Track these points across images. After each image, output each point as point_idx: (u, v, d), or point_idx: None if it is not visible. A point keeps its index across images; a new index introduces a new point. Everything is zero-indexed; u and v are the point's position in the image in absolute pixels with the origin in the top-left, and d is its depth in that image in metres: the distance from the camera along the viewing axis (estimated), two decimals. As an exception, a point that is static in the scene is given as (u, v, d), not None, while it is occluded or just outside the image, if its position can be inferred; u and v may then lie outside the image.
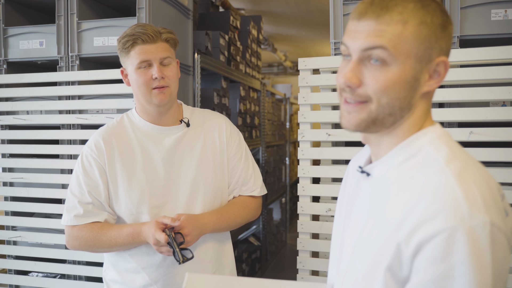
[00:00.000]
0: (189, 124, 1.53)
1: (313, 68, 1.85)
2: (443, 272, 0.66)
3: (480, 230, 0.66)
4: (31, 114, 2.28)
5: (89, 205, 1.43)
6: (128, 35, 1.42)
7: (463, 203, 0.67)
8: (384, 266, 0.73)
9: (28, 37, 2.30)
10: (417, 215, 0.70)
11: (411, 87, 0.77)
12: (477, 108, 1.64)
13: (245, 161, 1.59)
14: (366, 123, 0.79)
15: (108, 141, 1.47)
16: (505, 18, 1.79)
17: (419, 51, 0.75)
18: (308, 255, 1.84)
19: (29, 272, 2.35)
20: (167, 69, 1.44)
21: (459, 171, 0.72)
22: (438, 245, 0.66)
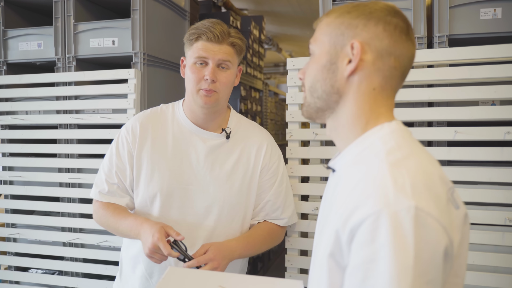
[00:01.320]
0: (229, 137, 1.47)
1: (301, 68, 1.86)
2: (369, 255, 0.68)
3: (403, 214, 0.67)
4: (29, 114, 2.33)
5: (114, 185, 1.46)
6: (195, 28, 1.40)
7: (390, 188, 0.70)
8: (327, 253, 0.75)
9: (26, 39, 2.35)
10: (352, 201, 0.73)
11: (329, 70, 0.85)
12: (463, 107, 1.65)
13: (277, 187, 1.54)
14: (306, 109, 0.91)
15: (145, 128, 1.47)
16: (494, 17, 1.79)
17: (331, 37, 0.85)
18: (296, 253, 1.86)
19: (29, 268, 2.40)
20: (221, 74, 1.39)
21: (395, 161, 0.75)
22: (366, 229, 0.68)
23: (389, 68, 0.83)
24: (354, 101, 0.85)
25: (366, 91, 0.84)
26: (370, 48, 0.82)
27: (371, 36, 0.82)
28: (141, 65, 2.14)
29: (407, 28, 0.84)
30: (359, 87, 0.84)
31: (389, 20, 0.82)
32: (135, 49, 2.15)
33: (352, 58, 0.82)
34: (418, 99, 1.70)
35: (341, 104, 0.86)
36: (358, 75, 0.83)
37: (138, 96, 2.09)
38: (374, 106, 0.84)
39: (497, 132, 1.58)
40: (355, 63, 0.82)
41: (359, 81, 0.84)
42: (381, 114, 0.85)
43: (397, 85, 0.86)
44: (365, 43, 0.82)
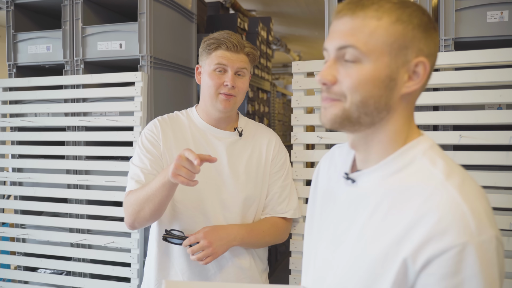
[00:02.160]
0: (241, 134, 1.60)
1: (307, 72, 1.87)
2: (454, 286, 0.68)
3: (487, 244, 0.69)
4: (38, 116, 2.37)
5: (150, 175, 1.47)
6: (215, 38, 1.51)
7: (471, 219, 0.70)
8: (389, 281, 0.73)
9: (36, 42, 2.39)
10: (424, 230, 0.71)
11: (386, 86, 0.76)
12: (469, 111, 1.64)
13: (284, 180, 1.65)
14: (340, 119, 0.79)
15: (165, 127, 1.56)
16: (501, 20, 1.78)
17: (392, 49, 0.75)
18: (300, 256, 1.86)
19: (38, 268, 2.43)
20: (239, 80, 1.52)
21: (459, 186, 0.74)
22: (449, 261, 0.68)
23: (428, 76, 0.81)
24: (400, 118, 0.80)
25: (411, 108, 0.81)
26: (430, 64, 0.78)
27: (431, 52, 0.78)
28: (148, 68, 2.16)
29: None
30: (408, 103, 0.81)
31: (434, 33, 0.79)
32: (142, 52, 2.17)
33: (413, 76, 0.77)
34: (424, 103, 1.69)
35: (384, 120, 0.80)
36: (413, 92, 0.79)
37: (145, 98, 2.11)
38: (410, 119, 0.82)
39: (502, 137, 1.57)
40: (420, 84, 0.78)
41: (412, 98, 0.80)
42: (413, 125, 0.83)
43: None
44: (427, 60, 0.77)
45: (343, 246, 0.83)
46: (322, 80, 0.80)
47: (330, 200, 0.94)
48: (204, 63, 1.55)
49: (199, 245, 1.42)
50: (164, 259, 1.55)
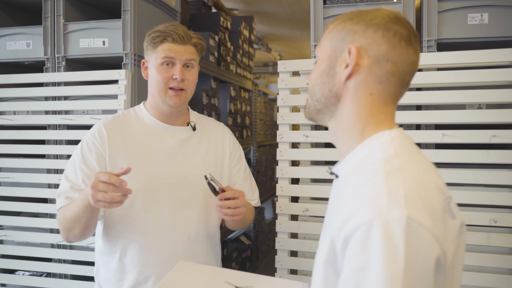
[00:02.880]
0: (195, 128, 1.55)
1: (292, 71, 1.88)
2: (362, 263, 0.68)
3: (395, 223, 0.68)
4: (17, 114, 2.31)
5: (81, 191, 1.39)
6: (160, 31, 1.45)
7: (383, 197, 0.70)
8: (322, 260, 0.76)
9: (15, 38, 2.33)
10: (347, 210, 0.74)
11: (327, 74, 0.88)
12: (451, 110, 1.68)
13: (244, 172, 1.63)
14: (307, 111, 0.94)
15: (111, 132, 1.47)
16: (481, 22, 1.83)
17: (332, 42, 0.88)
18: (286, 254, 1.87)
19: (16, 270, 2.38)
20: (188, 73, 1.47)
21: (392, 169, 0.75)
22: (359, 238, 0.69)
23: (386, 73, 0.83)
24: (351, 106, 0.86)
25: (363, 96, 0.85)
26: (367, 53, 0.83)
27: (369, 42, 0.83)
28: (131, 66, 2.14)
29: (408, 35, 0.84)
30: (356, 91, 0.85)
31: (389, 26, 0.83)
32: (125, 50, 2.14)
33: (349, 62, 0.84)
34: (407, 102, 1.72)
35: (339, 108, 0.88)
36: (355, 79, 0.85)
37: (128, 97, 2.08)
38: (372, 112, 0.85)
39: (483, 135, 1.61)
40: (351, 68, 0.84)
41: (356, 86, 0.85)
42: (380, 121, 0.85)
43: (397, 91, 0.86)
44: (362, 49, 0.83)
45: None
46: (305, 81, 0.97)
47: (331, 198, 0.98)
48: (150, 57, 1.48)
49: (241, 201, 1.37)
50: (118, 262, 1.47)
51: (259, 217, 4.54)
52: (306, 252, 1.86)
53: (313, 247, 1.81)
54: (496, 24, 1.81)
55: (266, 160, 4.86)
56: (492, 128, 1.66)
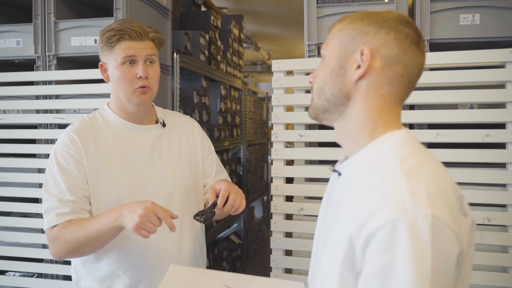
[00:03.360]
0: (165, 124, 1.53)
1: (286, 70, 1.88)
2: (388, 262, 0.69)
3: (421, 222, 0.69)
4: (7, 113, 2.28)
5: (70, 203, 1.35)
6: (114, 29, 1.38)
7: (407, 196, 0.71)
8: (340, 260, 0.76)
9: (4, 36, 2.30)
10: (367, 209, 0.74)
11: (337, 73, 0.87)
12: (443, 110, 1.70)
13: (216, 163, 1.63)
14: (312, 109, 0.94)
15: (83, 137, 1.41)
16: (473, 22, 1.85)
17: (342, 42, 0.87)
18: (281, 253, 1.88)
19: (6, 271, 2.35)
20: (151, 69, 1.42)
21: (409, 169, 0.77)
22: (383, 237, 0.70)
23: (397, 75, 0.84)
24: (362, 106, 0.86)
25: (374, 97, 0.85)
26: (380, 55, 0.84)
27: (381, 44, 0.84)
28: (124, 64, 2.12)
29: (418, 38, 0.86)
30: (367, 92, 0.85)
31: (400, 29, 0.84)
32: (118, 49, 2.12)
33: (361, 63, 0.84)
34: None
35: (349, 108, 0.88)
36: (366, 80, 0.85)
37: (121, 96, 2.06)
38: (382, 113, 0.86)
39: (476, 135, 1.64)
40: (363, 69, 0.84)
41: (367, 87, 0.85)
42: (389, 121, 0.86)
43: (405, 93, 0.88)
44: (375, 50, 0.84)
45: (327, 238, 0.88)
46: (308, 79, 0.96)
47: (329, 197, 0.98)
48: (108, 59, 1.41)
49: (233, 192, 1.37)
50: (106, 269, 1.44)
51: (249, 216, 4.54)
52: (301, 251, 1.87)
53: (308, 246, 1.82)
54: (487, 25, 1.84)
55: (255, 159, 4.87)
56: (483, 127, 1.69)
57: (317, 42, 1.95)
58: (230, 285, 1.02)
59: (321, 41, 1.95)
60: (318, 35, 1.95)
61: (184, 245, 1.51)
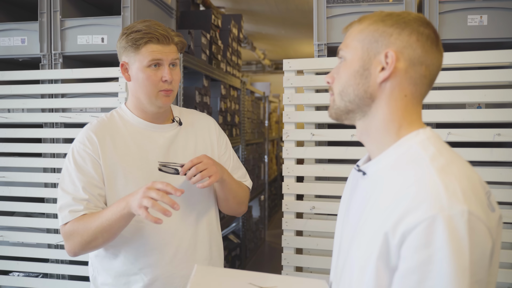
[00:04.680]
0: (181, 123, 1.53)
1: (297, 69, 1.89)
2: (426, 258, 0.71)
3: (458, 218, 0.71)
4: (12, 112, 2.26)
5: (84, 201, 1.37)
6: (143, 32, 1.37)
7: (443, 193, 0.73)
8: (375, 256, 0.78)
9: (9, 34, 2.28)
10: (402, 206, 0.76)
11: (361, 75, 0.88)
12: (454, 110, 1.72)
13: (233, 160, 1.62)
14: (333, 110, 0.94)
15: (101, 136, 1.43)
16: (480, 23, 1.88)
17: (364, 43, 0.88)
18: (292, 252, 1.89)
19: (10, 272, 2.33)
20: (174, 72, 1.43)
21: (441, 166, 0.79)
22: (420, 233, 0.72)
23: (420, 76, 0.86)
24: (386, 106, 0.88)
25: (398, 98, 0.87)
26: (403, 56, 0.85)
27: (405, 45, 0.85)
28: (132, 63, 2.11)
29: (437, 39, 0.88)
30: (391, 93, 0.87)
31: (422, 30, 0.86)
32: (125, 47, 2.11)
33: (386, 66, 0.85)
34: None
35: (373, 108, 0.89)
36: (391, 82, 0.86)
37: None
38: (406, 113, 0.88)
39: (487, 134, 1.66)
40: (389, 72, 0.85)
41: (391, 88, 0.87)
42: (413, 120, 0.88)
43: (425, 92, 0.90)
44: (399, 52, 0.85)
45: (355, 234, 0.89)
46: (325, 79, 0.96)
47: (352, 196, 0.98)
48: (132, 59, 1.40)
49: (200, 166, 1.35)
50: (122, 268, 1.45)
51: (247, 215, 4.55)
52: (312, 249, 1.88)
53: (319, 245, 1.83)
54: (495, 26, 1.86)
55: (253, 159, 4.88)
56: (492, 127, 1.72)
57: (326, 41, 1.96)
58: (256, 283, 1.03)
59: (330, 41, 1.96)
60: (327, 34, 1.96)
61: (200, 243, 1.51)
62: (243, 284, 1.02)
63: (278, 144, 7.54)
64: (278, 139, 7.41)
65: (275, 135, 6.95)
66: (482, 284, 0.73)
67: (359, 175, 0.95)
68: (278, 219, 6.66)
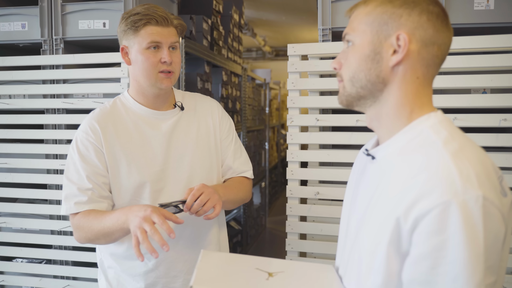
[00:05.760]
0: (183, 108, 1.52)
1: (301, 54, 1.88)
2: (439, 243, 0.70)
3: (472, 203, 0.70)
4: (14, 98, 2.24)
5: (88, 191, 1.38)
6: (141, 14, 1.37)
7: (457, 178, 0.72)
8: (386, 241, 0.77)
9: (9, 19, 2.25)
10: (414, 191, 0.74)
11: (373, 59, 0.86)
12: (460, 95, 1.71)
13: (235, 143, 1.61)
14: (344, 97, 0.92)
15: (104, 125, 1.43)
16: (487, 8, 1.86)
17: (373, 26, 0.85)
18: (296, 237, 1.89)
19: (14, 258, 2.33)
20: (174, 55, 1.42)
21: (455, 151, 0.77)
22: (434, 219, 0.70)
23: (432, 57, 0.84)
24: (399, 90, 0.85)
25: (411, 80, 0.85)
26: (415, 38, 0.83)
27: (416, 26, 0.83)
28: (134, 48, 2.09)
29: (446, 16, 0.86)
30: (404, 76, 0.85)
31: (431, 9, 0.84)
32: (127, 32, 2.09)
33: (398, 49, 0.83)
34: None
35: (385, 93, 0.87)
36: (404, 65, 0.84)
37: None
38: (418, 95, 0.86)
39: (493, 119, 1.65)
40: (402, 55, 0.83)
41: (404, 71, 0.85)
42: (424, 103, 0.86)
43: (436, 73, 0.88)
44: (411, 33, 0.83)
45: (365, 218, 0.88)
46: (332, 65, 0.93)
47: (360, 180, 0.97)
48: (132, 42, 1.40)
49: (205, 194, 1.32)
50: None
51: (248, 202, 4.56)
52: (316, 235, 1.88)
53: (324, 230, 1.83)
54: (502, 10, 1.84)
55: (254, 146, 4.87)
56: (498, 112, 1.71)
57: (331, 26, 1.94)
58: (263, 268, 1.02)
59: (335, 26, 1.94)
60: (332, 19, 1.94)
61: (203, 228, 1.52)
62: (250, 269, 1.02)
63: (279, 131, 7.53)
64: (278, 126, 7.40)
65: (275, 122, 6.94)
66: (495, 269, 0.73)
67: (368, 159, 0.94)
68: (278, 206, 6.68)
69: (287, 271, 1.03)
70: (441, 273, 0.70)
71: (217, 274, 1.00)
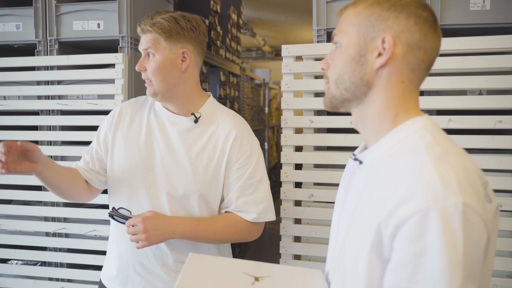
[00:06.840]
0: (197, 121, 1.43)
1: (296, 55, 1.86)
2: (418, 250, 0.69)
3: (452, 210, 0.69)
4: (8, 99, 2.23)
5: (86, 160, 1.54)
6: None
7: (438, 184, 0.71)
8: (368, 247, 0.76)
9: (3, 20, 2.24)
10: (396, 196, 0.73)
11: (357, 62, 0.85)
12: (455, 96, 1.69)
13: (249, 179, 1.43)
14: (328, 99, 0.91)
15: (124, 113, 1.52)
16: (483, 8, 1.84)
17: (360, 28, 0.85)
18: (290, 240, 1.88)
19: (9, 260, 2.32)
20: (148, 62, 1.38)
21: (437, 156, 0.75)
22: (414, 225, 0.69)
23: (418, 61, 0.83)
24: (383, 93, 0.84)
25: (396, 84, 0.84)
26: (401, 41, 0.82)
27: (402, 29, 0.82)
28: (128, 49, 2.08)
29: (435, 21, 0.84)
30: (388, 79, 0.84)
31: (419, 13, 0.82)
32: (122, 33, 2.08)
33: (383, 52, 0.82)
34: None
35: (369, 96, 0.86)
36: (388, 68, 0.83)
37: (125, 81, 2.03)
38: (403, 99, 0.85)
39: (488, 121, 1.64)
40: (386, 57, 0.82)
41: (388, 74, 0.84)
42: (410, 107, 0.85)
43: (423, 78, 0.87)
44: (396, 37, 0.82)
45: (350, 224, 0.87)
46: (320, 66, 0.93)
47: (349, 185, 0.96)
48: None
49: (133, 229, 1.33)
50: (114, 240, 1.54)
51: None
52: (310, 237, 1.87)
53: (318, 233, 1.82)
54: (498, 10, 1.82)
55: (253, 146, 4.85)
56: (493, 113, 1.69)
57: (326, 27, 1.92)
58: (250, 272, 1.01)
59: (330, 26, 1.92)
60: (327, 20, 1.93)
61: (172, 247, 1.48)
62: (236, 273, 1.01)
63: (278, 131, 7.51)
64: (278, 126, 7.39)
65: (275, 122, 6.93)
66: (476, 277, 0.71)
67: (356, 164, 0.93)
68: (278, 206, 6.64)
69: (274, 276, 1.02)
70: (419, 281, 0.69)
71: (202, 278, 0.99)
